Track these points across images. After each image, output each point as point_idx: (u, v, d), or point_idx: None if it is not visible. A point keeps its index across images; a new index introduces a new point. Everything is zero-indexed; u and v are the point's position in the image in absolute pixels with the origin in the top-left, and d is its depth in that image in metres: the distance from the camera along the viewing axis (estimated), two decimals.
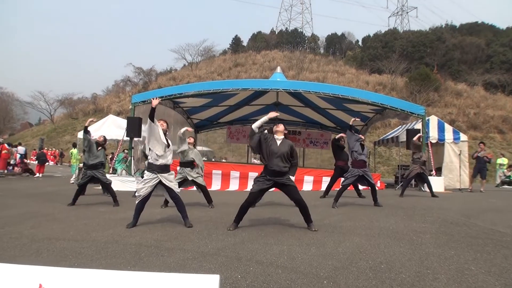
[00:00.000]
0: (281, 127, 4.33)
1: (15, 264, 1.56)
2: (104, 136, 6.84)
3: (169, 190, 4.33)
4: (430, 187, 8.42)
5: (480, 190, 10.45)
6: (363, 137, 6.93)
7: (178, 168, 6.32)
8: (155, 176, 4.23)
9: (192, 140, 6.54)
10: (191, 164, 6.18)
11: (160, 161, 4.25)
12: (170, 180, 4.32)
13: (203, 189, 6.29)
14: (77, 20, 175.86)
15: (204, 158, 7.51)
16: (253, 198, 4.30)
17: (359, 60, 43.86)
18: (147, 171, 4.32)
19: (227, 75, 40.74)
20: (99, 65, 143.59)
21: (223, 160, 17.79)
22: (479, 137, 24.52)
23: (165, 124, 4.50)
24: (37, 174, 14.33)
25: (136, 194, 4.32)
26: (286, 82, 11.59)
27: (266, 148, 4.22)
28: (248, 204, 4.24)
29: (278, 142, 4.24)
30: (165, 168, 4.29)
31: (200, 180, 6.23)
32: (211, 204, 6.20)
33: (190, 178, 6.13)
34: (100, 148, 6.48)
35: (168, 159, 4.32)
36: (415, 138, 8.81)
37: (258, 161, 22.45)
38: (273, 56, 46.78)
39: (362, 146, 6.63)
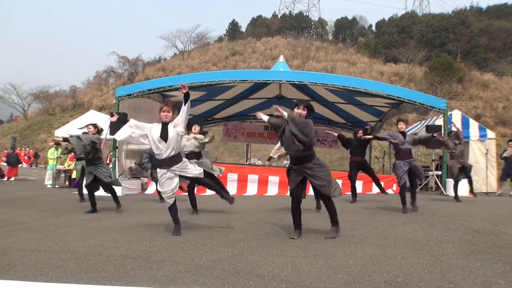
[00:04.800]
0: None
1: None
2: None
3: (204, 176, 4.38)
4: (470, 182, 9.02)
5: (510, 194, 10.47)
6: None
7: None
8: (166, 171, 4.21)
9: (197, 129, 6.38)
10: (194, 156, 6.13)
11: (161, 155, 4.19)
12: (186, 169, 4.26)
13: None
14: (53, 3, 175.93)
15: None
16: (298, 197, 4.23)
17: (373, 48, 43.86)
18: (158, 168, 4.30)
19: (223, 65, 40.78)
20: (78, 54, 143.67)
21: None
22: (509, 134, 24.51)
23: (168, 115, 4.28)
24: (11, 178, 14.33)
25: (164, 196, 4.33)
26: (290, 72, 11.60)
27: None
28: (296, 205, 4.21)
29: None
30: (172, 161, 4.20)
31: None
32: (195, 210, 6.16)
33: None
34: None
35: (167, 152, 4.16)
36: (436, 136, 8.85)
37: (260, 162, 22.51)
38: (275, 43, 46.82)
39: (404, 134, 6.54)
